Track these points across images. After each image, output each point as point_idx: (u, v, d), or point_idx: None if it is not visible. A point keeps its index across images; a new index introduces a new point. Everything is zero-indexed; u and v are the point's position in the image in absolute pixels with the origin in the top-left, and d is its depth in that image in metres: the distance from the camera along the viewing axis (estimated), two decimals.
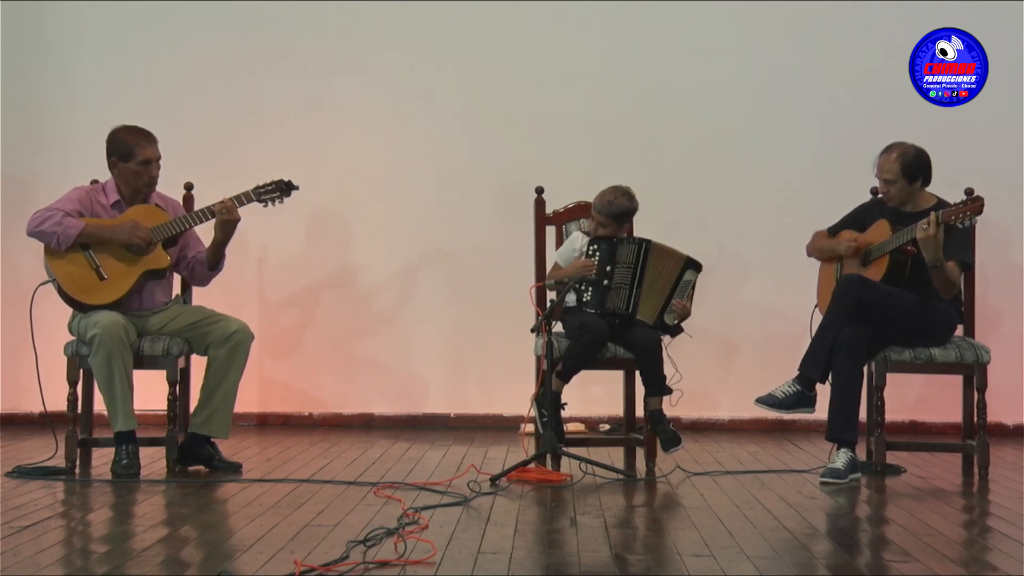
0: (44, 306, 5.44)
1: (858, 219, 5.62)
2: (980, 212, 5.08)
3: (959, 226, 5.12)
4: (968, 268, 5.44)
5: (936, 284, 5.27)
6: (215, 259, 5.52)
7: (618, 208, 5.50)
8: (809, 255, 5.80)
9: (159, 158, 5.41)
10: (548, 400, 5.27)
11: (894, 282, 5.33)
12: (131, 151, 5.34)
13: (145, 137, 5.39)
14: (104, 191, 5.41)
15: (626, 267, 5.43)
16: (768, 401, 5.34)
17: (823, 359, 5.26)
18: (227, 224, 5.40)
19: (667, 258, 5.47)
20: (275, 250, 7.03)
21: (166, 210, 5.44)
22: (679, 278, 5.45)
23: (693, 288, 5.51)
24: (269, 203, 5.49)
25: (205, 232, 5.55)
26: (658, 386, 5.37)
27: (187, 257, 5.55)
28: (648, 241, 5.47)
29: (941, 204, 5.41)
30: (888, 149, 5.44)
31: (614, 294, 5.44)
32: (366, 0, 7.05)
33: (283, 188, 5.49)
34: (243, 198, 5.41)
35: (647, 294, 5.44)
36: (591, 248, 5.50)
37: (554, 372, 5.35)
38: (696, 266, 5.49)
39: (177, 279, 5.71)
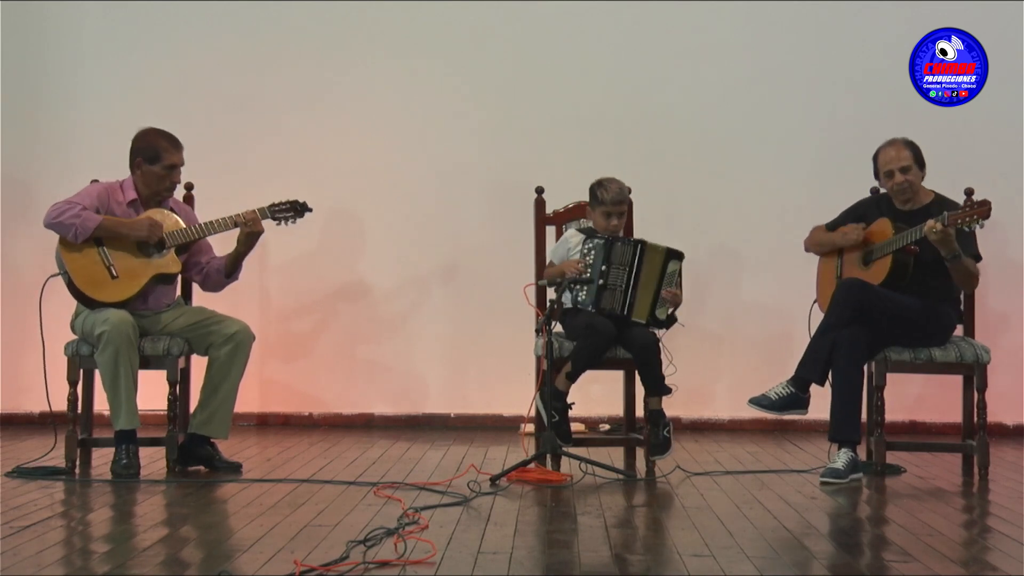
0: (46, 305, 5.42)
1: (857, 215, 5.62)
2: (987, 216, 5.06)
3: (965, 229, 5.12)
4: (979, 259, 5.44)
5: (956, 278, 5.31)
6: (233, 268, 5.55)
7: (621, 188, 5.51)
8: (807, 250, 5.80)
9: (183, 164, 5.45)
10: (552, 398, 5.27)
11: (898, 282, 5.32)
12: (158, 154, 5.38)
13: (173, 143, 5.43)
14: (122, 189, 5.43)
15: (621, 268, 5.41)
16: (761, 402, 5.35)
17: (822, 361, 5.26)
18: (252, 236, 5.45)
19: (652, 253, 5.46)
20: (276, 250, 7.02)
21: (179, 214, 5.46)
22: (663, 270, 5.43)
23: (680, 276, 5.50)
24: (283, 222, 5.52)
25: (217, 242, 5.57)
26: (657, 386, 5.37)
27: (200, 263, 5.57)
28: (643, 241, 5.46)
29: (939, 199, 5.43)
30: (889, 143, 5.45)
31: (609, 294, 5.42)
32: (366, 0, 7.05)
33: (298, 209, 5.54)
34: (258, 213, 5.44)
35: (642, 294, 5.43)
36: (586, 247, 5.49)
37: (562, 372, 5.35)
38: (678, 255, 5.47)
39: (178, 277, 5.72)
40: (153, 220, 5.32)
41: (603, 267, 5.42)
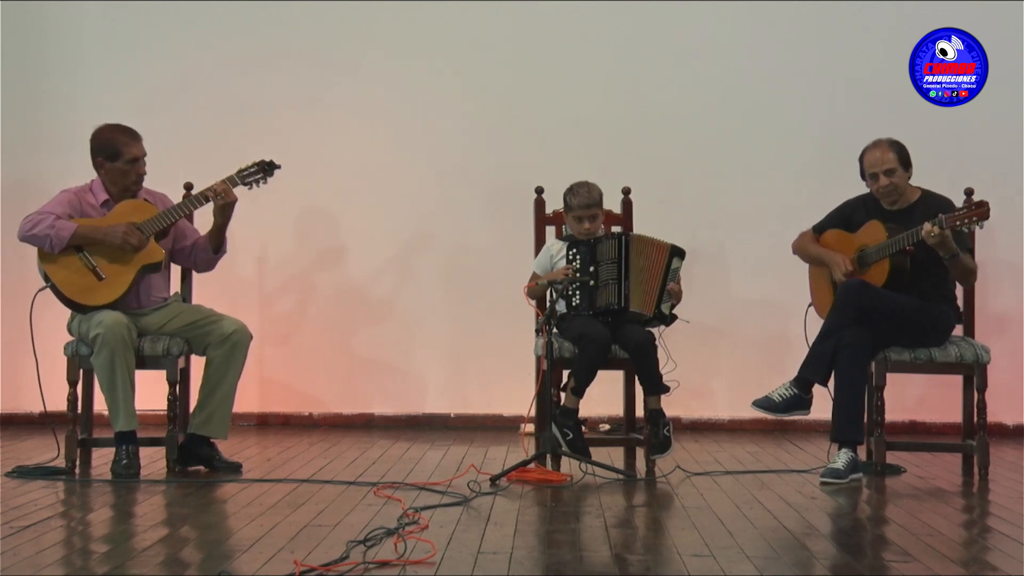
0: (44, 305, 5.42)
1: (844, 216, 5.63)
2: (987, 217, 5.07)
3: (964, 231, 5.13)
4: (973, 253, 5.46)
5: (956, 275, 5.34)
6: (217, 243, 5.51)
7: (590, 191, 5.50)
8: (795, 253, 5.80)
9: (145, 155, 5.41)
10: (563, 417, 5.27)
11: (897, 285, 5.33)
12: (118, 150, 5.34)
13: (130, 135, 5.39)
14: (92, 191, 5.41)
15: (610, 262, 5.42)
16: (764, 404, 5.35)
17: (824, 363, 5.26)
18: (226, 207, 5.40)
19: (650, 247, 5.45)
20: (274, 250, 7.03)
21: (154, 204, 5.43)
22: (668, 266, 5.44)
23: (678, 273, 5.52)
24: (253, 185, 5.47)
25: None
26: (654, 385, 5.36)
27: (186, 247, 5.55)
28: (626, 233, 5.50)
29: (925, 196, 5.44)
30: (874, 145, 5.46)
31: (603, 291, 5.43)
32: (365, 0, 7.05)
33: (265, 168, 5.48)
34: (228, 182, 5.40)
35: (636, 284, 5.43)
36: (571, 253, 5.50)
37: (568, 390, 5.35)
38: (681, 253, 5.48)
39: (176, 275, 5.71)
40: (128, 225, 5.25)
41: (591, 268, 5.43)
